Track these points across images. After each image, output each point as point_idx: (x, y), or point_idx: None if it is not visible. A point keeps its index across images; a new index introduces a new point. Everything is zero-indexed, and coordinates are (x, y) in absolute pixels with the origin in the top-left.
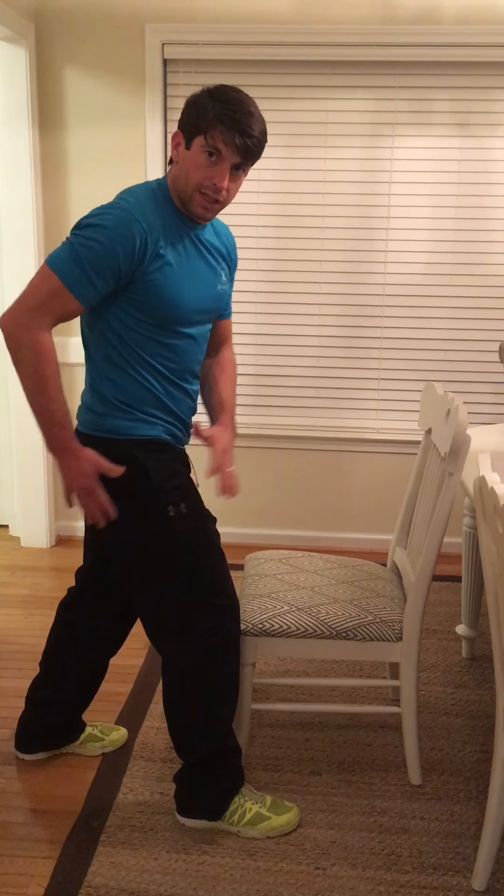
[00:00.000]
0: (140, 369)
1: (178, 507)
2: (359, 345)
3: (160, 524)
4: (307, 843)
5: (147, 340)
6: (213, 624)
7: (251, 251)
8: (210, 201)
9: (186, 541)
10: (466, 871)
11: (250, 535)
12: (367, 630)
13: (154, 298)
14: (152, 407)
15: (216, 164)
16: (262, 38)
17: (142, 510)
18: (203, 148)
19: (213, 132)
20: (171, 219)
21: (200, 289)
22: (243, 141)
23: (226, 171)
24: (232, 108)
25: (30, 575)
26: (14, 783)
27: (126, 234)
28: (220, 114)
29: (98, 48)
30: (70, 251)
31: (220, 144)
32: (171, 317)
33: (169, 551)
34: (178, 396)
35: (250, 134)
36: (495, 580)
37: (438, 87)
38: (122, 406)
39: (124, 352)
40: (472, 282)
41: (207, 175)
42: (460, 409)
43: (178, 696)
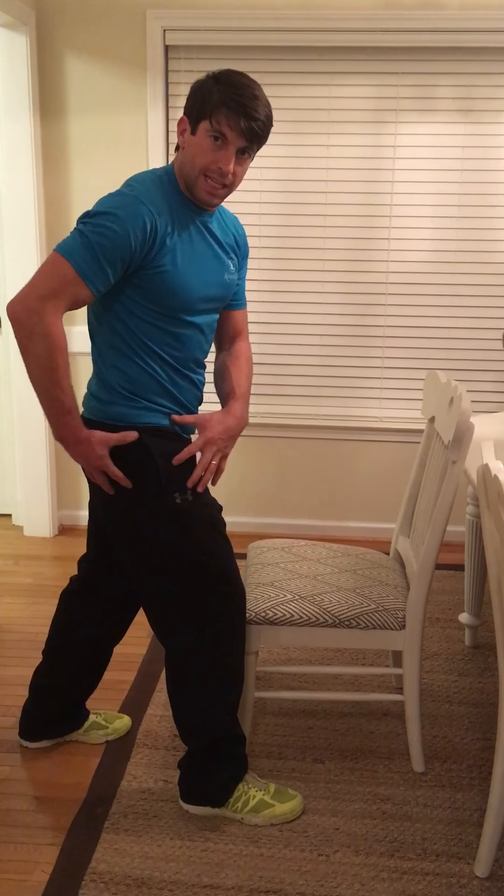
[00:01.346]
0: (145, 357)
1: (184, 495)
2: (362, 333)
3: (166, 511)
4: (310, 829)
5: (152, 328)
6: (219, 611)
7: (254, 239)
8: (216, 186)
9: (192, 528)
10: (469, 857)
11: (253, 524)
12: (370, 618)
13: (161, 286)
14: (157, 395)
15: (221, 147)
16: (264, 23)
17: (147, 497)
18: (208, 132)
19: (218, 116)
20: (178, 206)
21: (206, 276)
22: (248, 124)
23: (231, 155)
24: (237, 92)
25: (33, 564)
26: (18, 771)
27: (137, 220)
28: (224, 97)
29: (99, 35)
30: (81, 239)
31: (225, 128)
32: (176, 304)
33: (175, 538)
34: (182, 385)
35: (255, 117)
36: (498, 568)
37: (442, 72)
38: (127, 394)
39: (130, 340)
40: (476, 269)
41: (213, 159)
42: (464, 397)
43: (182, 683)
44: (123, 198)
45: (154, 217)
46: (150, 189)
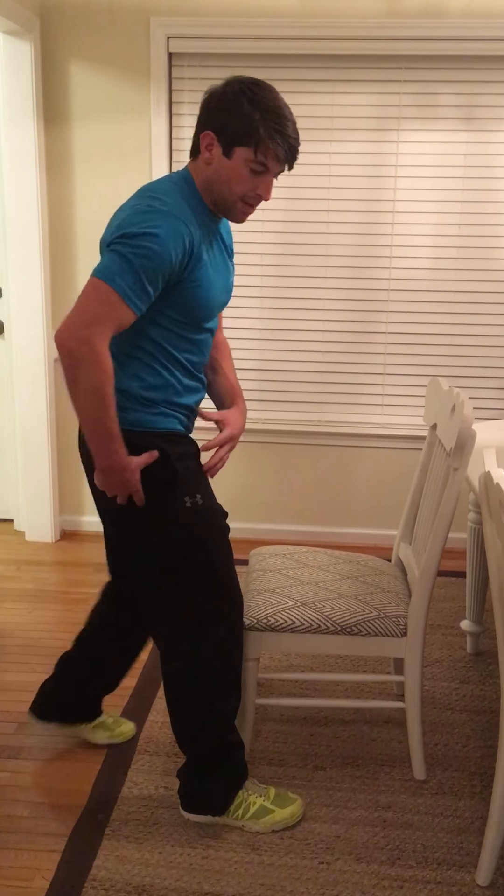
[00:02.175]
0: (167, 364)
1: (193, 498)
2: (364, 340)
3: (177, 515)
4: (311, 837)
5: (176, 337)
6: (220, 617)
7: (257, 245)
8: (252, 208)
9: (200, 533)
10: (470, 866)
11: (255, 530)
12: (372, 625)
13: (192, 299)
14: (174, 401)
15: (261, 175)
16: (267, 31)
17: (159, 501)
18: (249, 162)
19: (265, 149)
20: (202, 216)
21: (223, 283)
22: (293, 154)
23: (272, 183)
24: (279, 122)
25: (34, 569)
26: (19, 777)
27: (177, 238)
28: (270, 130)
29: (103, 42)
30: (122, 261)
31: (272, 161)
32: (202, 314)
33: (182, 542)
34: (193, 387)
35: (297, 146)
36: (500, 575)
37: (444, 80)
38: (145, 400)
39: (153, 349)
40: (478, 277)
41: (252, 186)
42: (466, 404)
43: (181, 689)
44: (159, 216)
45: (190, 233)
46: (179, 202)
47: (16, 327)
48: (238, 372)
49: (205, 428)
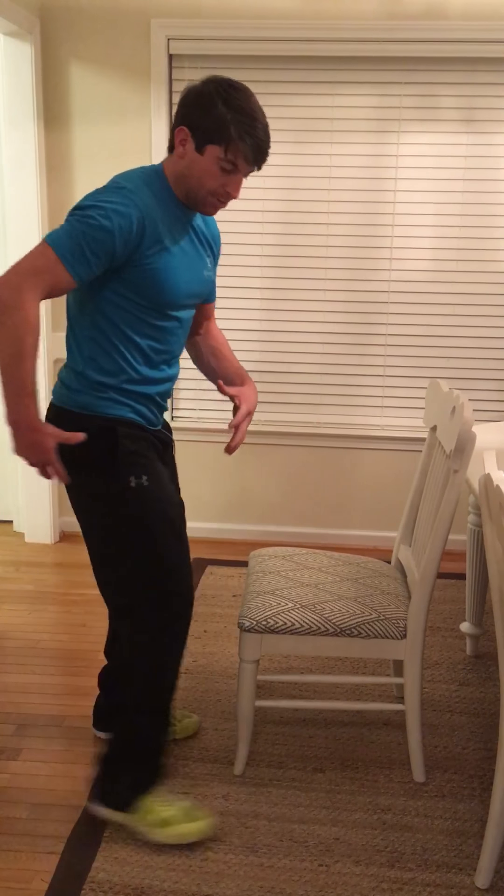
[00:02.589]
0: (124, 350)
1: (139, 479)
2: (364, 341)
3: (121, 493)
4: (310, 839)
5: (137, 321)
6: (158, 608)
7: (256, 247)
8: (221, 204)
9: (144, 516)
10: (470, 868)
11: (255, 532)
12: (372, 627)
13: (150, 282)
14: (128, 387)
15: (231, 173)
16: (267, 33)
17: (105, 480)
18: (220, 160)
19: (235, 150)
20: (168, 205)
21: (192, 274)
22: (262, 158)
23: (241, 182)
24: (253, 125)
25: (34, 571)
26: (18, 779)
27: (124, 217)
28: (241, 132)
29: (103, 43)
30: (68, 228)
31: (241, 161)
32: (164, 300)
33: (125, 524)
34: (153, 378)
35: (267, 149)
36: (500, 578)
37: (444, 83)
38: (97, 385)
39: (111, 332)
40: (478, 279)
41: (222, 183)
42: (465, 406)
43: (120, 672)
44: (113, 193)
45: (142, 216)
46: (140, 187)
47: None
48: None
49: (201, 429)
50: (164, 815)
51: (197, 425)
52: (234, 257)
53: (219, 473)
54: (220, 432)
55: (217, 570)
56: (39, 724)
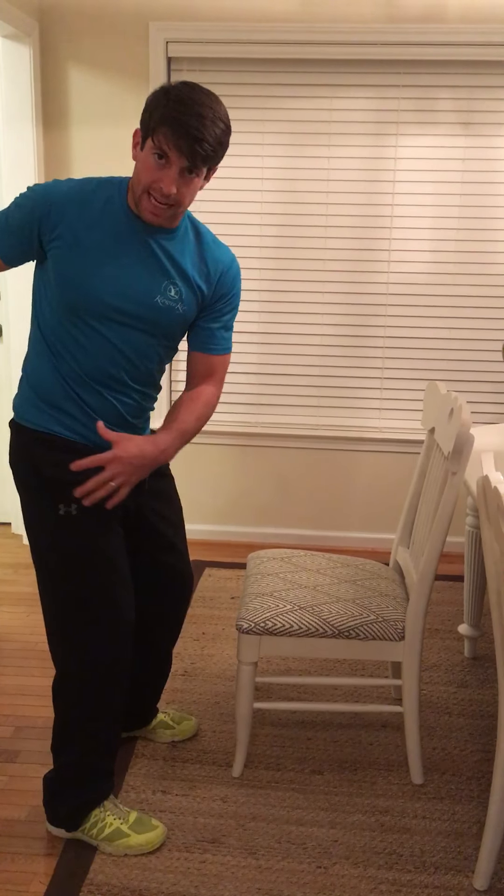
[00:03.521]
0: (55, 361)
1: (68, 507)
2: (362, 344)
3: (50, 521)
4: (309, 841)
5: (62, 331)
6: (88, 638)
7: (254, 250)
8: (159, 206)
9: (70, 544)
10: (468, 870)
11: (253, 534)
12: (370, 629)
13: (63, 275)
14: (62, 402)
15: (165, 167)
16: (265, 36)
17: (36, 504)
18: (152, 150)
19: (159, 135)
20: (112, 213)
21: (128, 288)
22: (190, 145)
23: (173, 176)
24: (180, 110)
25: (31, 573)
26: (16, 781)
27: (44, 200)
28: (166, 115)
29: (102, 46)
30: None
31: (166, 147)
32: (84, 305)
33: (52, 551)
34: (93, 401)
35: (199, 138)
36: (498, 579)
37: (442, 85)
38: (33, 395)
39: (45, 342)
40: (476, 281)
41: (156, 178)
42: (463, 408)
43: (53, 696)
44: (45, 184)
45: (51, 205)
46: (78, 185)
47: (14, 331)
48: (236, 375)
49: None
50: (112, 828)
51: None
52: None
53: (217, 475)
54: (219, 434)
55: (215, 572)
56: (37, 727)
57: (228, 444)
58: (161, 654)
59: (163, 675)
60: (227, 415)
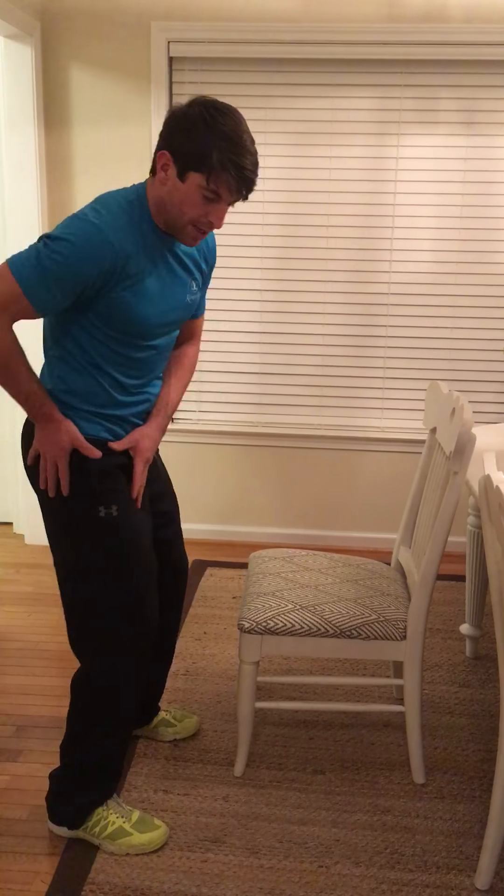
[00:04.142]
0: (97, 376)
1: (108, 509)
2: (364, 343)
3: (90, 523)
4: (310, 840)
5: (109, 352)
6: (121, 635)
7: (256, 250)
8: (202, 233)
9: (112, 547)
10: (470, 870)
11: (255, 534)
12: (372, 629)
13: (120, 315)
14: (100, 407)
15: (214, 202)
16: (267, 36)
17: (76, 505)
18: (201, 188)
19: (218, 179)
20: (146, 235)
21: (168, 302)
22: (247, 187)
23: (225, 212)
24: (236, 153)
25: (34, 572)
26: (18, 780)
27: (94, 255)
28: (225, 161)
29: (104, 46)
30: (35, 258)
31: (224, 191)
32: (135, 331)
33: (93, 552)
34: (130, 402)
35: (253, 178)
36: (500, 579)
37: (444, 85)
38: (66, 403)
39: (81, 358)
40: (478, 281)
41: (204, 213)
42: (465, 408)
43: (73, 695)
44: (87, 226)
45: (115, 253)
46: (116, 217)
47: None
48: (238, 375)
49: (200, 431)
50: (115, 826)
51: (196, 427)
52: (235, 259)
53: (219, 475)
54: (220, 434)
55: (217, 571)
56: (39, 726)
57: (230, 444)
58: (161, 645)
59: (164, 670)
60: (230, 414)
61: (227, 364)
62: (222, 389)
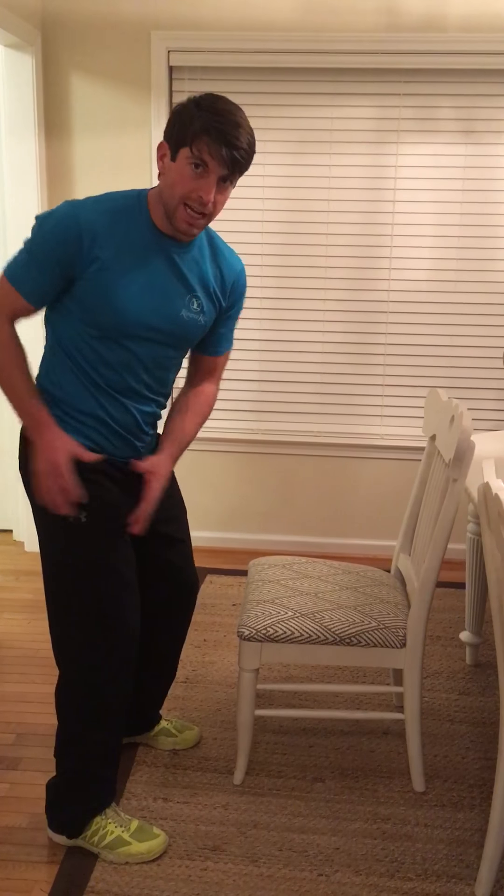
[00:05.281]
0: (78, 373)
1: (77, 515)
2: (364, 351)
3: (60, 529)
4: (310, 849)
5: (85, 346)
6: (90, 646)
7: (256, 257)
8: (195, 216)
9: (79, 551)
10: (470, 878)
11: (254, 541)
12: (371, 636)
13: (93, 297)
14: (85, 413)
15: (202, 176)
16: (267, 45)
17: (46, 512)
18: (189, 160)
19: (199, 143)
20: (136, 228)
21: (155, 303)
22: (230, 153)
23: (212, 184)
24: (219, 119)
25: (33, 580)
26: (17, 788)
27: (61, 233)
28: (206, 125)
29: (104, 55)
30: (18, 254)
31: (207, 156)
32: (110, 322)
33: (61, 558)
34: (116, 411)
35: (237, 145)
36: (499, 586)
37: (443, 94)
38: (52, 403)
39: (64, 353)
40: (477, 289)
41: (193, 187)
42: (464, 415)
43: (56, 703)
44: (63, 207)
45: (81, 230)
46: (100, 203)
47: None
48: (238, 382)
49: (200, 438)
50: (114, 835)
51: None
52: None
53: (218, 482)
54: (220, 441)
55: (216, 578)
56: (39, 734)
57: (230, 451)
58: (165, 657)
59: (167, 679)
60: (229, 422)
61: (227, 371)
62: (222, 397)
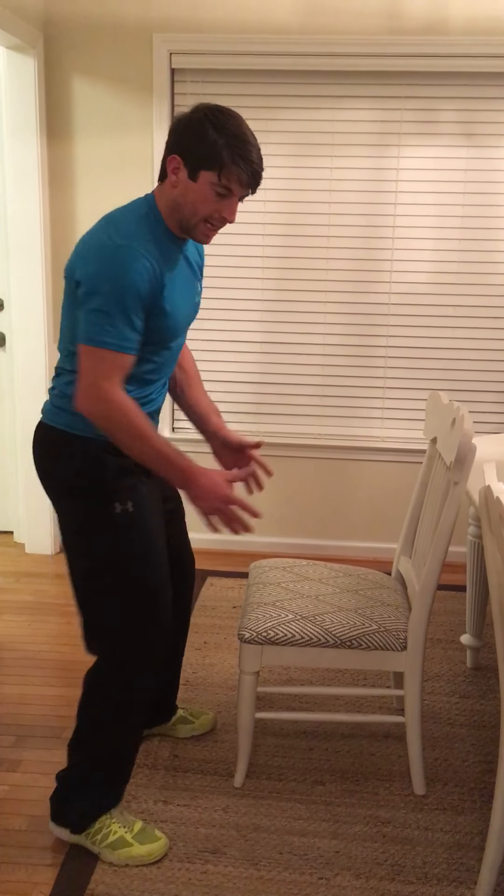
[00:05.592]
0: None
1: (124, 505)
2: (365, 353)
3: (106, 521)
4: (311, 852)
5: (140, 359)
6: (136, 636)
7: (257, 259)
8: (215, 229)
9: (128, 541)
10: (470, 882)
11: (255, 544)
12: (372, 639)
13: (159, 324)
14: None
15: (225, 197)
16: (269, 48)
17: (89, 503)
18: (213, 185)
19: (229, 174)
20: (164, 242)
21: (188, 305)
22: (255, 180)
23: (236, 205)
24: (242, 148)
25: (34, 581)
26: (17, 790)
27: (142, 270)
28: (233, 155)
29: (106, 57)
30: (100, 318)
31: (235, 185)
32: (168, 336)
33: (111, 550)
34: (150, 397)
35: (260, 171)
36: (500, 590)
37: (445, 97)
38: (78, 414)
39: None
40: (478, 291)
41: (216, 209)
42: (466, 418)
43: (87, 691)
44: (118, 252)
45: (152, 264)
46: (137, 234)
47: (17, 340)
48: (238, 385)
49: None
50: (116, 836)
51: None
52: (235, 269)
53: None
54: None
55: (217, 581)
56: (38, 736)
57: None
58: (176, 644)
59: (178, 667)
60: (230, 424)
61: (227, 374)
62: (223, 399)
